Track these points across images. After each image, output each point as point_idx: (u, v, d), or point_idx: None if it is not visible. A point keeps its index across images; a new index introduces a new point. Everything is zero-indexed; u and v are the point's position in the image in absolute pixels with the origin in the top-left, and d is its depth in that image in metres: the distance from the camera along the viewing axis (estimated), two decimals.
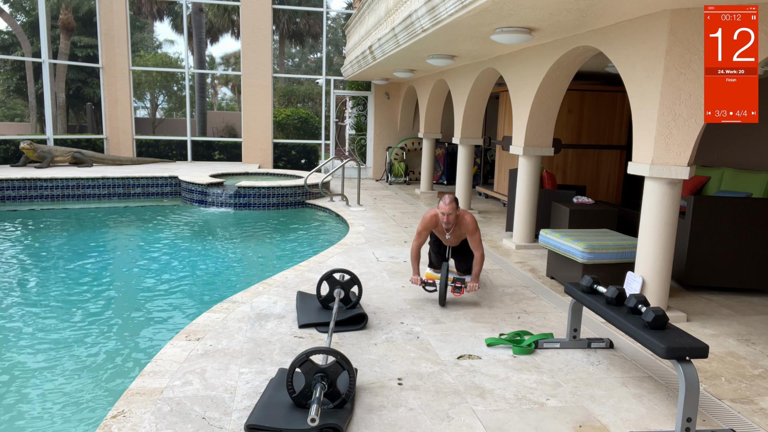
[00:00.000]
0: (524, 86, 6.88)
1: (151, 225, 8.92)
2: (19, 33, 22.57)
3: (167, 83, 28.75)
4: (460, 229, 4.97)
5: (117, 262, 6.85)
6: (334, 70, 15.35)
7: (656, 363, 3.84)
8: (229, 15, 27.92)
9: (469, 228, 4.92)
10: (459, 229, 4.97)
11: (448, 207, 4.81)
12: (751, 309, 5.02)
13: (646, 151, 4.52)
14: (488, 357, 3.92)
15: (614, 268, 5.10)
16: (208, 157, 14.56)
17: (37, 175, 10.51)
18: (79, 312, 5.11)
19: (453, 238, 5.08)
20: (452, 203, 4.82)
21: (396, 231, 8.10)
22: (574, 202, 6.80)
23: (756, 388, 3.55)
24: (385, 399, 3.28)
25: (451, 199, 4.84)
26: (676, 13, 4.20)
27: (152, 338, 4.63)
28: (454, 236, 5.06)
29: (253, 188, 10.18)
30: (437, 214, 4.95)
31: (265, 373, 3.54)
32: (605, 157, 9.54)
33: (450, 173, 13.82)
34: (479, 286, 4.62)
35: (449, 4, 5.08)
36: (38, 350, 4.30)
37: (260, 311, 4.62)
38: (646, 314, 3.15)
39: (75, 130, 24.33)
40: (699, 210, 5.29)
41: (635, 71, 4.66)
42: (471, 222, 4.92)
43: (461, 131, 9.40)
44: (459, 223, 4.95)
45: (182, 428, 2.90)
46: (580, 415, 3.18)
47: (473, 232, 4.91)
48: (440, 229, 5.06)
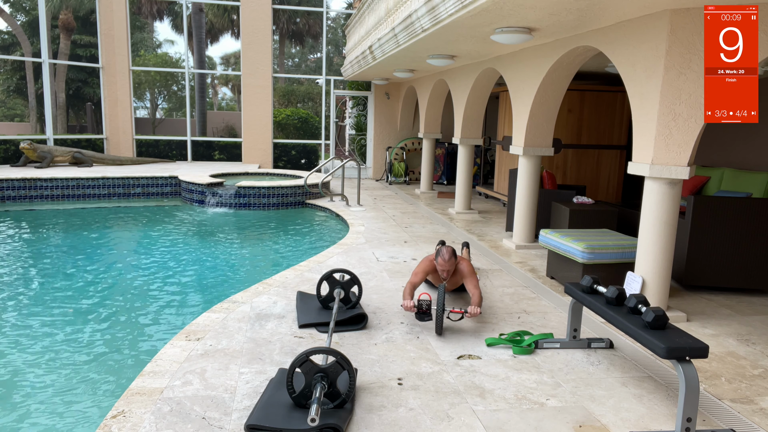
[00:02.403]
0: (524, 86, 6.88)
1: (151, 225, 8.92)
2: (19, 33, 22.57)
3: (167, 83, 28.75)
4: (456, 276, 4.85)
5: (117, 262, 6.85)
6: (334, 70, 15.35)
7: (656, 363, 3.84)
8: (229, 15, 27.93)
9: (464, 274, 4.73)
10: (455, 276, 4.86)
11: (447, 264, 4.63)
12: (751, 309, 5.02)
13: (646, 151, 4.52)
14: (488, 357, 3.92)
15: (614, 268, 5.10)
16: (208, 157, 14.56)
17: (37, 175, 10.51)
18: (79, 312, 5.11)
19: (449, 284, 4.98)
20: (452, 259, 4.65)
21: (396, 231, 8.10)
22: (574, 202, 6.80)
23: (756, 388, 3.55)
24: (385, 399, 3.28)
25: (450, 255, 4.65)
26: (676, 13, 4.20)
27: (152, 338, 4.63)
28: (451, 283, 4.96)
29: (253, 188, 10.18)
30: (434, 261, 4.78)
31: (265, 373, 3.54)
32: (605, 157, 9.54)
33: (450, 173, 13.83)
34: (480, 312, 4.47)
35: (449, 4, 5.08)
36: (38, 350, 4.30)
37: (260, 311, 4.62)
38: (646, 314, 3.15)
39: (75, 130, 24.33)
40: (699, 210, 5.29)
41: (635, 71, 4.66)
42: (467, 267, 4.74)
43: (461, 131, 9.40)
44: (455, 271, 4.81)
45: (182, 428, 2.90)
46: (580, 415, 3.18)
47: (469, 276, 4.70)
48: (437, 276, 4.97)
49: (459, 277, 4.84)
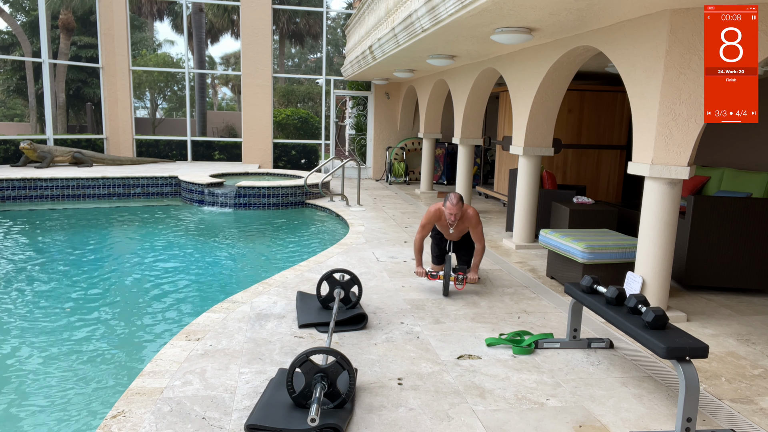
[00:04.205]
0: (524, 86, 6.88)
1: (151, 225, 8.92)
2: (19, 33, 22.57)
3: (167, 83, 28.75)
4: (463, 223, 5.08)
5: (117, 262, 6.85)
6: (334, 70, 15.35)
7: (656, 363, 3.84)
8: (229, 15, 27.92)
9: (471, 221, 5.03)
10: (462, 223, 5.08)
11: (455, 207, 4.92)
12: (751, 309, 5.02)
13: (646, 151, 4.52)
14: (488, 357, 3.92)
15: (614, 268, 5.10)
16: (208, 157, 14.56)
17: (37, 175, 10.51)
18: (79, 312, 5.11)
19: (456, 232, 5.19)
20: (459, 203, 4.93)
21: (396, 231, 8.10)
22: (574, 202, 6.80)
23: (756, 388, 3.55)
24: (385, 399, 3.28)
25: (457, 199, 4.94)
26: (676, 13, 4.20)
27: (152, 338, 4.63)
28: (457, 230, 5.18)
29: (253, 188, 10.18)
30: (441, 208, 5.05)
31: (265, 373, 3.54)
32: (605, 157, 9.54)
33: (450, 173, 13.82)
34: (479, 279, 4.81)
35: (449, 4, 5.08)
36: (38, 350, 4.30)
37: (260, 311, 4.62)
38: (646, 314, 3.15)
39: (75, 130, 24.33)
40: (699, 210, 5.29)
41: (635, 71, 4.66)
42: (473, 215, 5.04)
43: (461, 131, 9.40)
44: (462, 217, 5.06)
45: (182, 428, 2.90)
46: (580, 415, 3.18)
47: (476, 225, 5.03)
48: (443, 223, 5.17)
49: (465, 222, 5.07)
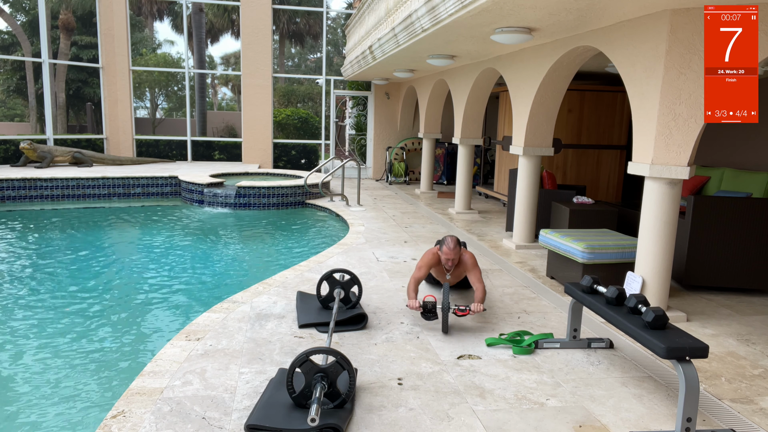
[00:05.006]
0: (524, 86, 6.88)
1: (150, 225, 8.92)
2: (19, 33, 22.57)
3: (167, 83, 28.76)
4: (460, 268, 4.79)
5: (117, 262, 6.85)
6: (334, 70, 15.35)
7: (656, 363, 3.84)
8: (229, 15, 27.93)
9: (468, 266, 4.68)
10: (458, 268, 4.80)
11: (452, 252, 4.59)
12: (751, 309, 5.02)
13: (646, 151, 4.52)
14: (488, 357, 3.92)
15: (614, 268, 5.10)
16: (208, 157, 14.56)
17: (37, 175, 10.51)
18: (79, 312, 5.11)
19: (453, 277, 4.91)
20: (456, 247, 4.61)
21: (396, 231, 8.10)
22: (574, 202, 6.80)
23: (756, 388, 3.55)
24: (385, 399, 3.28)
25: (455, 243, 4.61)
26: (676, 13, 4.20)
27: (152, 338, 4.63)
28: (454, 276, 4.90)
29: (253, 188, 10.18)
30: (438, 252, 4.72)
31: (265, 373, 3.54)
32: (605, 157, 9.54)
33: (450, 173, 13.82)
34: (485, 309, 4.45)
35: (449, 4, 5.08)
36: (38, 350, 4.30)
37: (260, 311, 4.62)
38: (646, 314, 3.15)
39: (75, 130, 24.33)
40: (699, 210, 5.29)
41: (635, 71, 4.66)
42: (470, 259, 4.70)
43: (461, 131, 9.40)
44: (459, 262, 4.76)
45: (182, 428, 2.90)
46: (580, 415, 3.18)
47: (473, 268, 4.65)
48: (440, 269, 4.89)
49: (462, 268, 4.77)
